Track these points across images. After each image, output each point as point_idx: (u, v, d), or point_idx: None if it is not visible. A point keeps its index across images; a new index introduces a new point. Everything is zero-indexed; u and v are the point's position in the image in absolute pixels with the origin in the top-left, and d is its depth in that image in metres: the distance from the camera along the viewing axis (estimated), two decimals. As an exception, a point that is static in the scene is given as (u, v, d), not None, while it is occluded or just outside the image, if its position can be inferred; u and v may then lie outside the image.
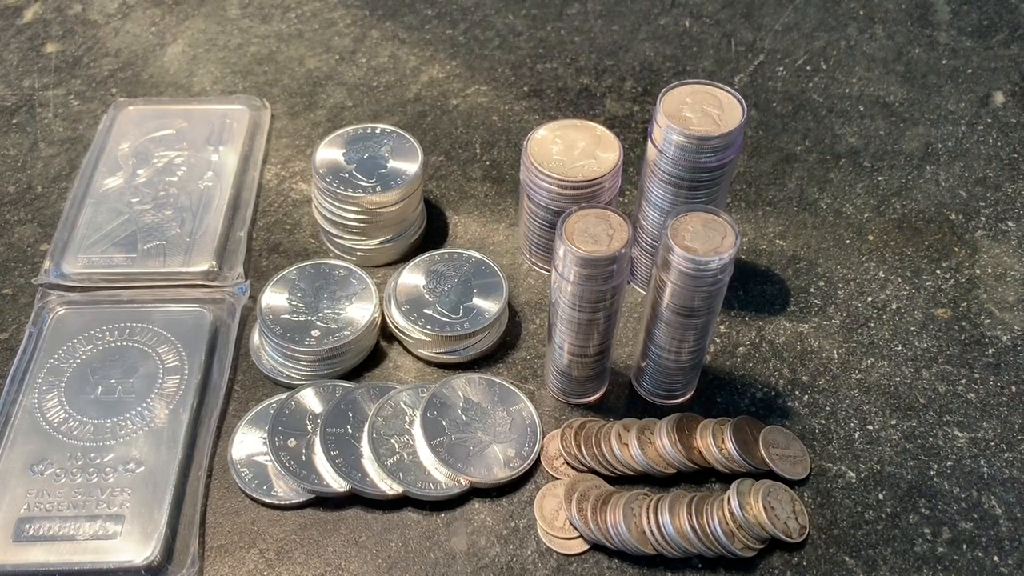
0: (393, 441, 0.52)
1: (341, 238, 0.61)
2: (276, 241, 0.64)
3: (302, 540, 0.50)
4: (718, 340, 0.59)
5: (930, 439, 0.54)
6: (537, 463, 0.53)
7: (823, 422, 0.55)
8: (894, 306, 0.61)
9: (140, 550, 0.48)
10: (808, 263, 0.63)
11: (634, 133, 0.71)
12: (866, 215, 0.66)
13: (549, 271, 0.62)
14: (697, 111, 0.51)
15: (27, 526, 0.49)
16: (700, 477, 0.52)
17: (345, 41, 0.78)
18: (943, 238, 0.65)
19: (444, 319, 0.56)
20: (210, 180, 0.66)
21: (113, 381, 0.55)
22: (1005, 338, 0.59)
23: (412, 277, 0.59)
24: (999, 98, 0.75)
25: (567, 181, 0.56)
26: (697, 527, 0.48)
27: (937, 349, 0.59)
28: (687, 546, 0.48)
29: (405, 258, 0.62)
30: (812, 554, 0.50)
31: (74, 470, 0.51)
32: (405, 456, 0.52)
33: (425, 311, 0.57)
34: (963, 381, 0.57)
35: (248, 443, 0.53)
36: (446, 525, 0.51)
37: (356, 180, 0.59)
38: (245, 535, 0.50)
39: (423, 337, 0.56)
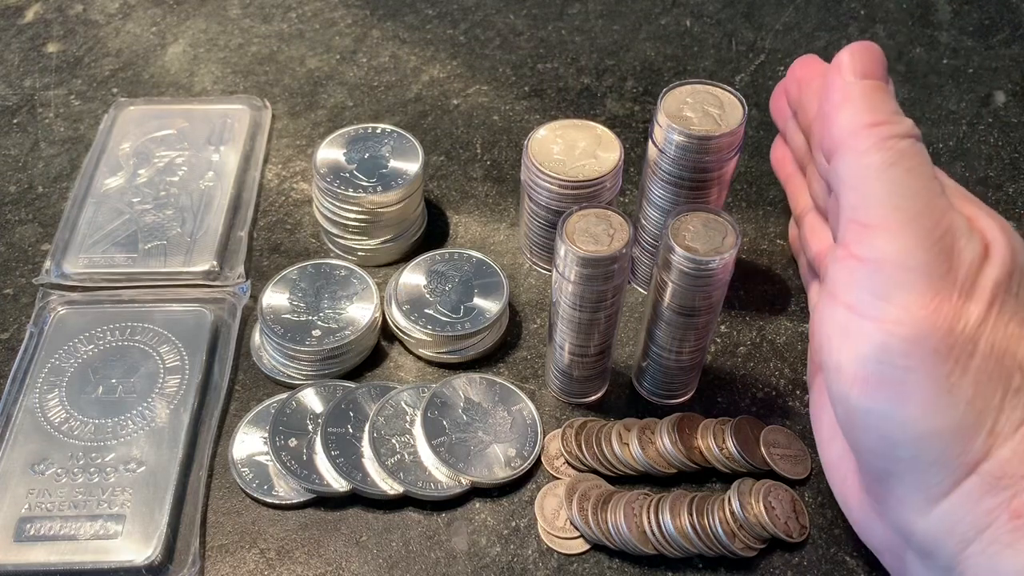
0: (394, 441, 0.52)
1: (342, 238, 0.61)
2: (277, 241, 0.64)
3: (303, 540, 0.50)
4: (719, 340, 0.59)
5: (931, 439, 0.54)
6: (538, 463, 0.53)
7: (824, 422, 0.55)
8: (895, 306, 0.60)
9: (141, 550, 0.48)
10: (809, 263, 0.63)
11: (635, 133, 0.71)
12: (867, 215, 0.66)
13: (550, 271, 0.62)
14: (698, 111, 0.51)
15: (28, 526, 0.49)
16: (701, 477, 0.52)
17: (346, 41, 0.78)
18: (944, 238, 0.64)
19: (445, 319, 0.56)
20: (211, 180, 0.66)
21: (114, 381, 0.55)
22: (1006, 338, 0.59)
23: (413, 277, 0.59)
24: (1000, 98, 0.74)
25: (568, 181, 0.56)
26: (698, 527, 0.48)
27: (938, 349, 0.58)
28: (688, 546, 0.48)
29: (406, 258, 0.62)
30: (813, 554, 0.50)
31: (75, 470, 0.51)
32: (406, 456, 0.52)
33: (426, 311, 0.57)
34: (964, 381, 0.57)
35: (249, 443, 0.53)
36: (447, 525, 0.51)
37: (357, 180, 0.59)
38: (246, 535, 0.50)
39: (424, 337, 0.56)
